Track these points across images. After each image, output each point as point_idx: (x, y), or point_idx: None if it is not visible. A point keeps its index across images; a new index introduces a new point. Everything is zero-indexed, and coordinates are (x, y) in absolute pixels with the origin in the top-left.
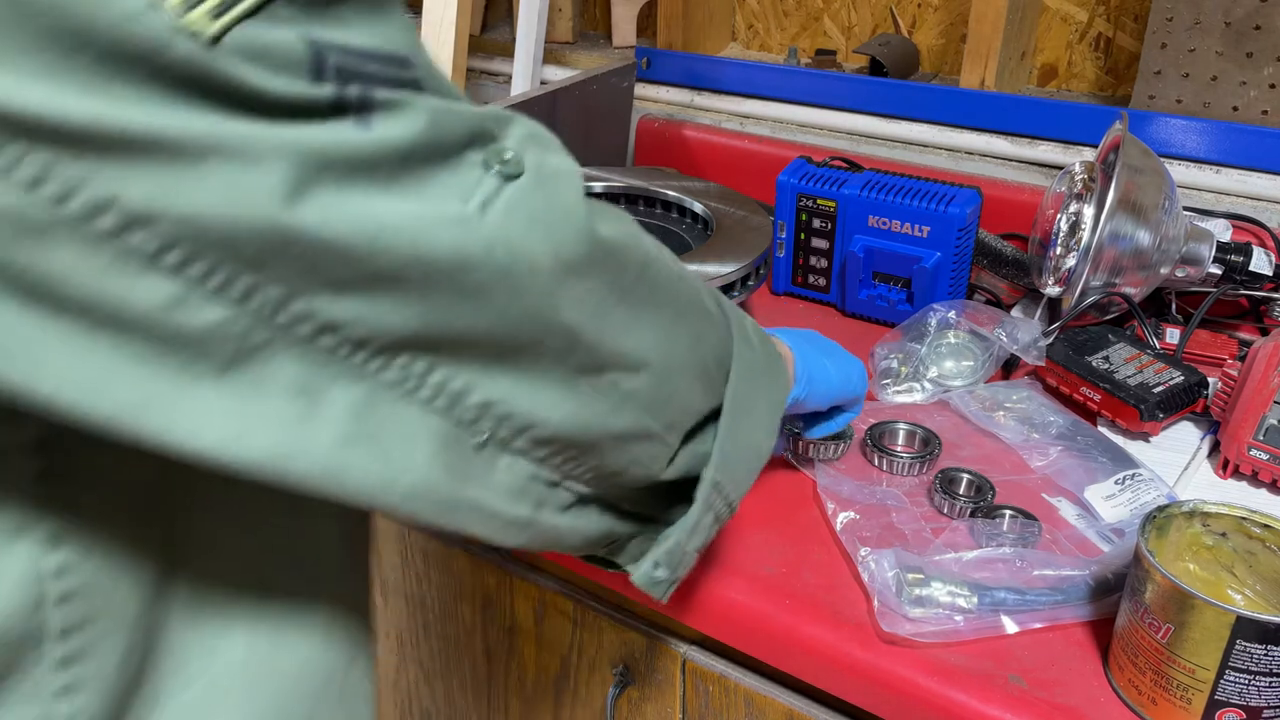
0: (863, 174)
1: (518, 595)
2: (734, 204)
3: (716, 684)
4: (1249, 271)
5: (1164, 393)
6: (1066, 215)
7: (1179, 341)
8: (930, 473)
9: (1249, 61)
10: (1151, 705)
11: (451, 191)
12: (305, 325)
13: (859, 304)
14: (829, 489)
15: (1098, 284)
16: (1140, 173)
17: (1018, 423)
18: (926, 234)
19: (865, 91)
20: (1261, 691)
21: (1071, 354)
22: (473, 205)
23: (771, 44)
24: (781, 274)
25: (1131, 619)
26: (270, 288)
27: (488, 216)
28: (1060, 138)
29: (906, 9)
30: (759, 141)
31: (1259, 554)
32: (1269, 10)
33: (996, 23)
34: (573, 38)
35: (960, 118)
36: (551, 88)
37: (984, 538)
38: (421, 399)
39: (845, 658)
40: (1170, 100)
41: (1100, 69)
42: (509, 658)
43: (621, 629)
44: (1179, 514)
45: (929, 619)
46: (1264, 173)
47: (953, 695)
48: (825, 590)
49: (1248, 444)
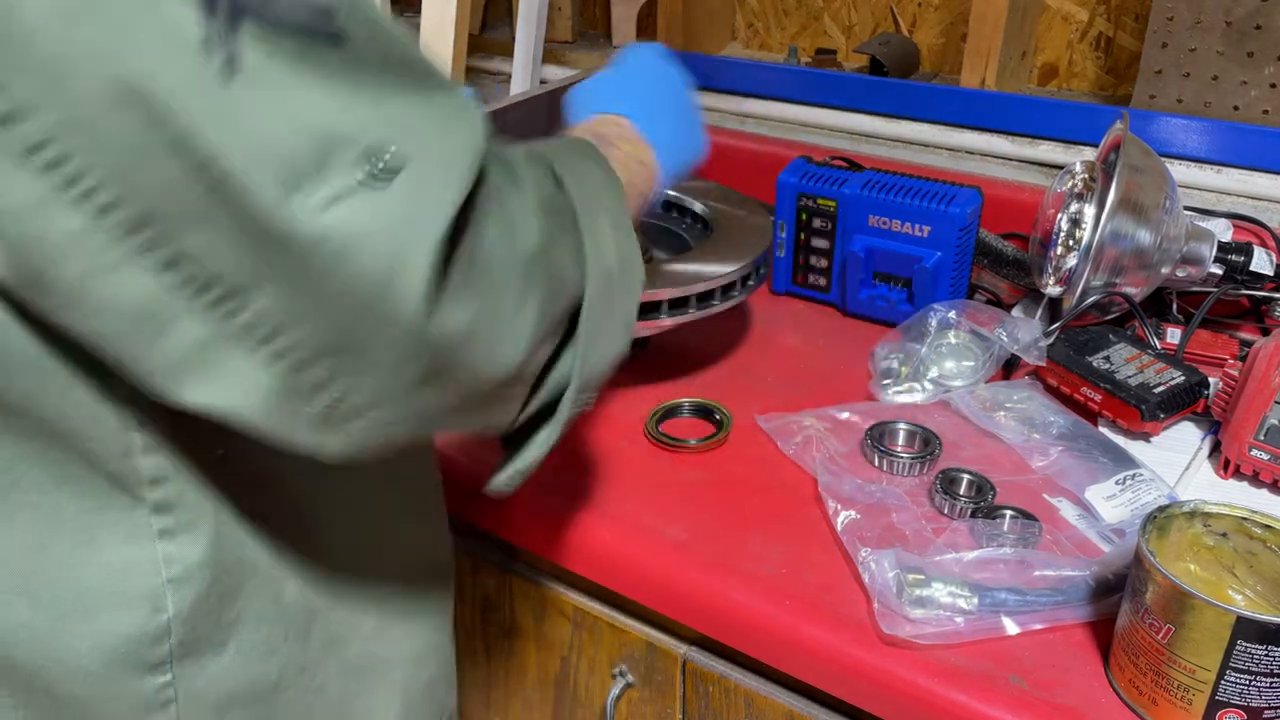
0: (863, 173)
1: (518, 595)
2: (734, 204)
3: (716, 684)
4: (1250, 271)
5: (1165, 393)
6: (1067, 215)
7: (1180, 341)
8: (931, 473)
9: (1250, 61)
10: (1152, 706)
11: (305, 174)
12: (156, 253)
13: (859, 304)
14: (830, 488)
15: (1098, 284)
16: (1141, 172)
17: (1018, 423)
18: (927, 234)
19: (865, 91)
20: (1262, 692)
21: (1072, 354)
22: (317, 196)
23: (771, 43)
24: (781, 274)
25: (1132, 619)
26: (126, 208)
27: (331, 210)
28: (1061, 137)
29: (907, 8)
30: (759, 141)
31: (1260, 554)
32: (1270, 9)
33: (997, 22)
34: (572, 37)
35: (960, 117)
36: (551, 87)
37: (984, 538)
38: (262, 358)
39: (845, 658)
40: (1171, 100)
41: (1101, 68)
42: (509, 658)
43: (621, 629)
44: (1180, 514)
45: (929, 620)
46: (1265, 172)
47: (953, 696)
48: (825, 590)
49: (1249, 444)
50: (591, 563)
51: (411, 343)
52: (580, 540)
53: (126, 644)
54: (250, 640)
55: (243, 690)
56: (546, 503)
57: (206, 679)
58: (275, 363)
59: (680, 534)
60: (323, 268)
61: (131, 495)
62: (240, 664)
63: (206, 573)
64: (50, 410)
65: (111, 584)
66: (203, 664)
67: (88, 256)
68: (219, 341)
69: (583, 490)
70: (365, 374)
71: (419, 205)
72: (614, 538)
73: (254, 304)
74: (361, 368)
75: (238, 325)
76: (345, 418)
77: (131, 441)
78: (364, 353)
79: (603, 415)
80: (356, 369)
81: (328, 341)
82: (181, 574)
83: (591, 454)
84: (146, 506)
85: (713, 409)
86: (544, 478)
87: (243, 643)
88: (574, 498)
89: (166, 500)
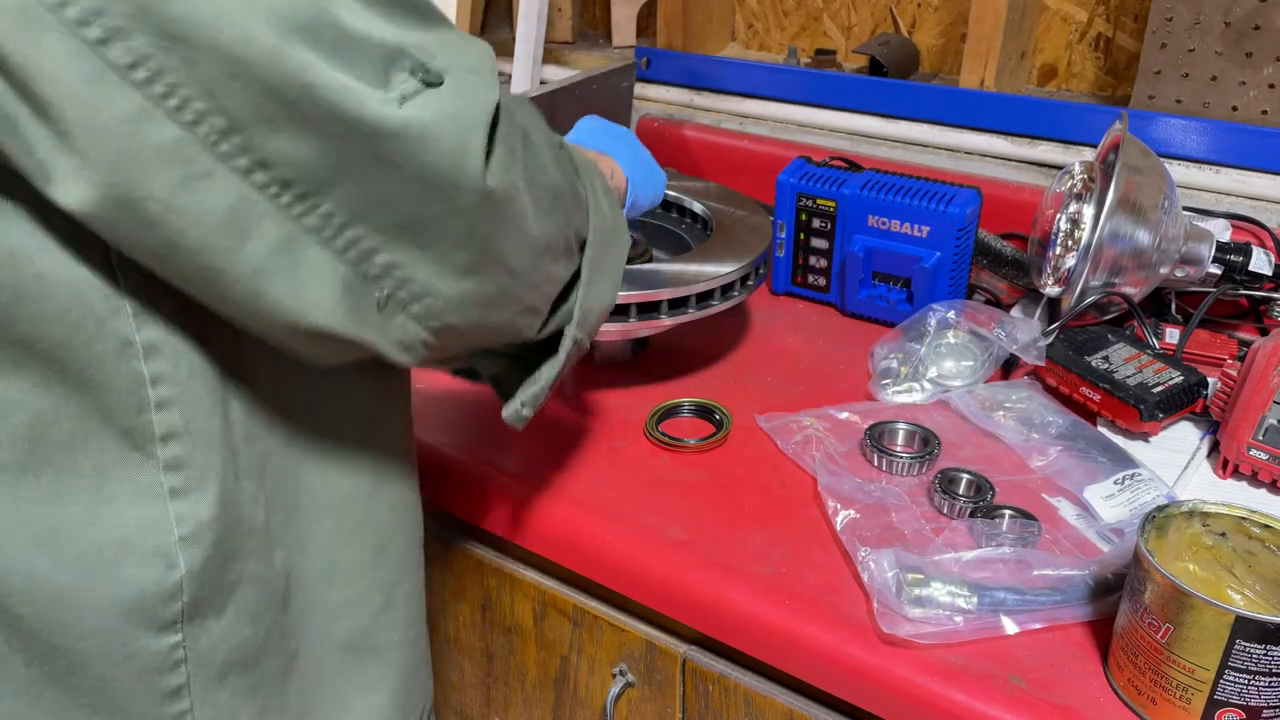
0: (862, 174)
1: (518, 595)
2: (734, 204)
3: (716, 684)
4: (1248, 271)
5: (1164, 393)
6: (1066, 215)
7: (1179, 341)
8: (930, 472)
9: (1248, 61)
10: (1151, 705)
11: (379, 80)
12: (243, 158)
13: (859, 304)
14: (829, 488)
15: (1097, 284)
16: (1140, 173)
17: (1017, 423)
18: (926, 234)
19: (865, 91)
20: (1261, 691)
21: (1071, 354)
22: (393, 94)
23: (771, 44)
24: (781, 274)
25: (1131, 619)
26: (216, 117)
27: (405, 106)
28: (1060, 137)
29: (906, 9)
30: (759, 141)
31: (1258, 554)
32: (1268, 10)
33: (996, 23)
34: (572, 37)
35: (960, 118)
36: (551, 87)
37: (984, 538)
38: (336, 248)
39: (845, 658)
40: (1170, 100)
41: (1100, 69)
42: (509, 658)
43: (621, 629)
44: (1178, 514)
45: (929, 619)
46: (1263, 172)
47: (952, 695)
48: (825, 590)
49: (1247, 444)
50: (592, 562)
51: (469, 212)
52: (580, 540)
53: (143, 600)
54: (245, 603)
55: (237, 656)
56: (547, 502)
57: (210, 641)
58: (348, 250)
59: (680, 534)
60: (405, 152)
61: (143, 453)
62: (235, 627)
63: (213, 532)
64: (77, 359)
65: (129, 540)
66: (207, 625)
67: (181, 166)
68: (298, 237)
69: (583, 490)
70: (424, 256)
71: (469, 101)
72: (614, 537)
73: (331, 198)
74: (422, 247)
75: (316, 218)
76: (404, 303)
77: (146, 397)
78: (425, 231)
79: (603, 415)
80: (418, 249)
81: (395, 225)
82: (192, 532)
83: (591, 454)
84: (158, 464)
85: (713, 409)
86: (544, 477)
87: (239, 605)
88: (574, 497)
89: (176, 459)
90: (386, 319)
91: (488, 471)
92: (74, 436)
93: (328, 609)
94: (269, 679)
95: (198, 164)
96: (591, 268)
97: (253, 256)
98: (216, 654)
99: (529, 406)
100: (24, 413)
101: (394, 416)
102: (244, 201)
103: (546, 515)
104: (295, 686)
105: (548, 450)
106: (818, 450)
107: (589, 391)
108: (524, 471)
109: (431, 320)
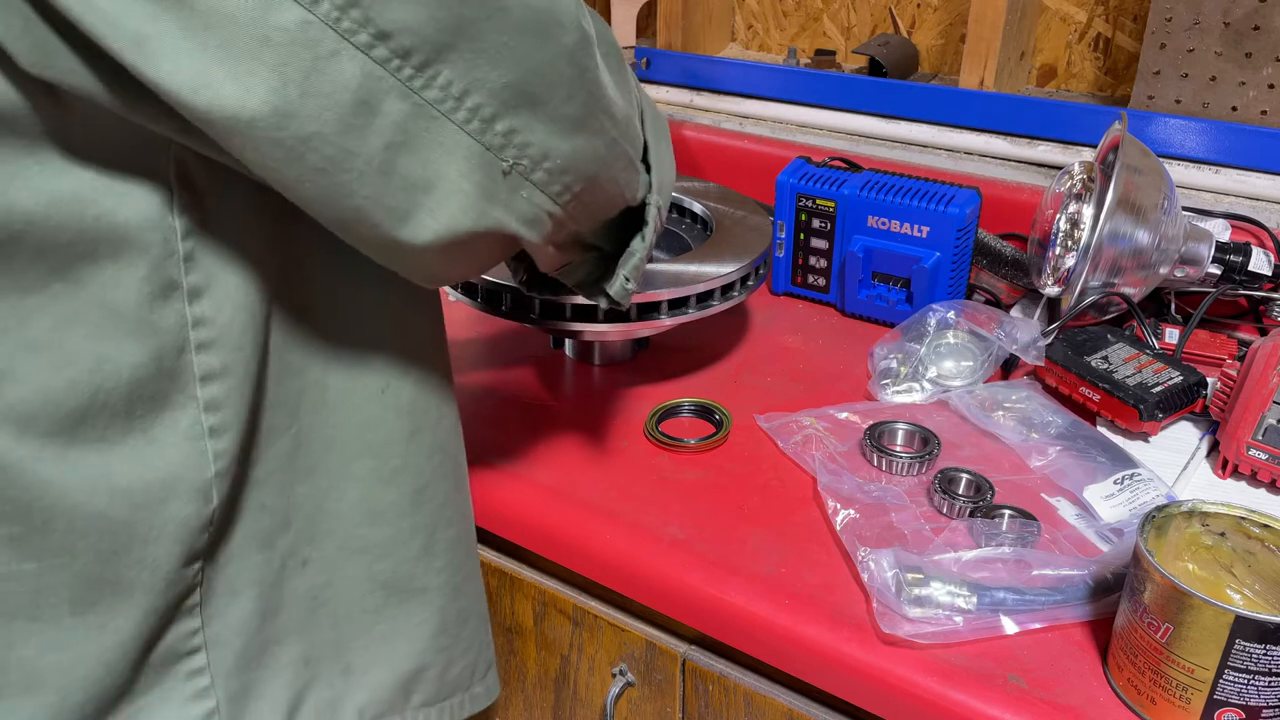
0: (862, 174)
1: (518, 595)
2: (733, 204)
3: (716, 684)
4: (1248, 271)
5: (1163, 393)
6: (1066, 215)
7: (1178, 341)
8: (930, 472)
9: (1248, 62)
10: (1151, 705)
11: None
12: (363, 32)
13: (858, 304)
14: (829, 488)
15: (1097, 284)
16: (1139, 173)
17: (1017, 423)
18: (926, 234)
19: (865, 92)
20: (1260, 691)
21: (1071, 354)
22: None
23: (771, 44)
24: (781, 274)
25: (1131, 619)
26: None
27: None
28: (1059, 138)
29: (906, 9)
30: (758, 141)
31: (1258, 554)
32: (1268, 10)
33: (996, 23)
34: None
35: (960, 118)
36: None
37: (983, 537)
38: (458, 119)
39: (845, 658)
40: (1169, 100)
41: (1099, 69)
42: (509, 658)
43: (621, 629)
44: (1178, 514)
45: (928, 619)
46: (1263, 173)
47: (952, 695)
48: (825, 590)
49: (1247, 444)
50: (591, 562)
51: (572, 52)
52: (580, 539)
53: (187, 535)
54: (253, 529)
55: (246, 579)
56: (546, 502)
57: (220, 561)
58: (470, 121)
59: (680, 533)
60: (511, 3)
61: (185, 394)
62: (244, 551)
63: (241, 465)
64: (128, 301)
65: (174, 479)
66: (219, 549)
67: (309, 49)
68: (421, 111)
69: (583, 490)
70: (538, 116)
71: None
72: (614, 537)
73: (448, 63)
74: (535, 106)
75: (436, 90)
76: (526, 171)
77: (187, 338)
78: (537, 84)
79: (603, 415)
80: (531, 109)
81: (508, 86)
82: (226, 467)
83: (591, 454)
84: (199, 404)
85: (712, 409)
86: (544, 477)
87: (246, 531)
88: (574, 497)
89: (214, 399)
90: (512, 191)
91: (487, 471)
92: (129, 382)
93: (368, 548)
94: (288, 605)
95: (324, 45)
96: (654, 137)
97: (382, 135)
98: (225, 572)
99: (632, 279)
100: (86, 359)
101: (433, 364)
102: (369, 79)
103: (546, 515)
104: (327, 619)
105: (548, 450)
106: (817, 450)
107: (589, 391)
108: (524, 471)
109: (553, 185)
